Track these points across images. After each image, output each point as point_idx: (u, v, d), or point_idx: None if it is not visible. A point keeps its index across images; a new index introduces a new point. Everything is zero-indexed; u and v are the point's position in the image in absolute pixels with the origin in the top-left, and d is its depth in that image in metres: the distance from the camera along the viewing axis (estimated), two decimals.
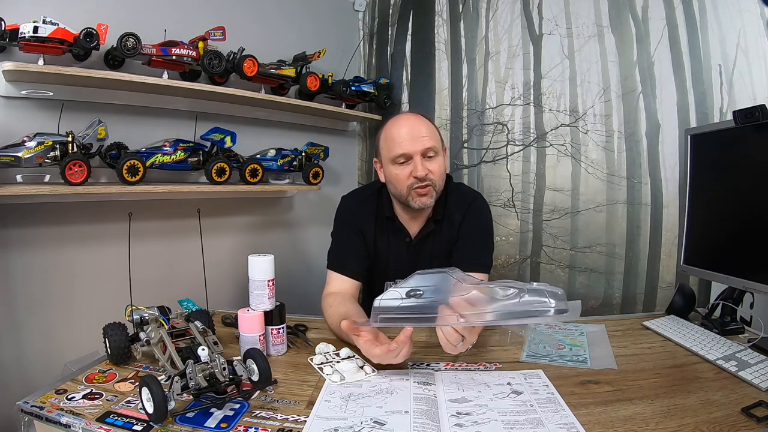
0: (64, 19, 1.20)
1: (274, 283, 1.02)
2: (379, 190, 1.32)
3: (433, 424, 0.73)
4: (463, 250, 1.23)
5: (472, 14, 2.12)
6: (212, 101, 1.64)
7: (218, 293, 1.14)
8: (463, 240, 1.24)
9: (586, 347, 1.05)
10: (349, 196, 1.37)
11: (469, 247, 1.23)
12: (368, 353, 0.90)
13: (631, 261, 1.95)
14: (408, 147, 1.14)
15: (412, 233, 1.28)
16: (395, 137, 1.16)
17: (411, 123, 1.18)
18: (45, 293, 1.34)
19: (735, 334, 1.13)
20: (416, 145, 1.14)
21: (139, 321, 0.94)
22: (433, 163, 1.17)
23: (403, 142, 1.15)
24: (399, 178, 1.17)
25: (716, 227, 1.25)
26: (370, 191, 1.33)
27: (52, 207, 1.34)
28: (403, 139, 1.15)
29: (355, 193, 1.39)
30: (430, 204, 1.19)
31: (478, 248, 1.24)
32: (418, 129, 1.16)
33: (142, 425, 0.72)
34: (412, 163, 1.15)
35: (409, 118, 1.20)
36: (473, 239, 1.24)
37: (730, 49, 1.78)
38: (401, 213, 1.28)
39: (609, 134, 1.95)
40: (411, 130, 1.16)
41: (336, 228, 1.32)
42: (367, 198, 1.32)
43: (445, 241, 1.26)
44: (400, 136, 1.16)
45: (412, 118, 1.20)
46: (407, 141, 1.15)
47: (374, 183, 1.34)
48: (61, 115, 1.29)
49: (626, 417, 0.75)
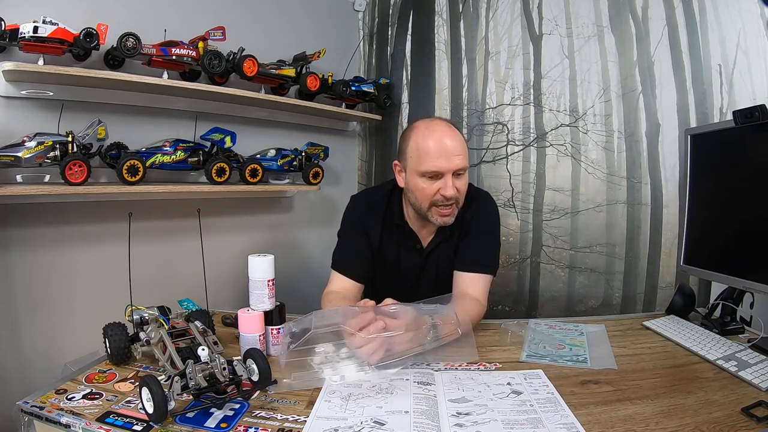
0: (64, 19, 1.20)
1: (274, 283, 1.02)
2: (389, 194, 1.27)
3: (433, 424, 0.73)
4: (467, 250, 1.22)
5: (472, 14, 2.12)
6: (212, 101, 1.64)
7: (218, 293, 1.14)
8: (468, 239, 1.23)
9: (586, 347, 1.05)
10: (358, 197, 1.35)
11: (472, 247, 1.22)
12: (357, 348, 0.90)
13: (631, 261, 1.95)
14: (442, 165, 1.09)
15: (425, 240, 1.27)
16: (429, 151, 1.10)
17: (447, 138, 1.11)
18: (45, 293, 1.34)
19: (735, 334, 1.13)
20: (450, 164, 1.09)
21: (139, 321, 0.94)
22: (461, 181, 1.13)
23: (437, 159, 1.09)
24: (424, 193, 1.12)
25: (716, 227, 1.25)
26: (379, 195, 1.29)
27: (52, 207, 1.34)
28: (438, 155, 1.09)
29: (364, 195, 1.37)
30: (451, 222, 1.17)
31: (482, 249, 1.23)
32: (453, 146, 1.10)
33: (142, 425, 0.72)
34: (442, 181, 1.10)
35: (444, 132, 1.12)
36: (477, 239, 1.22)
37: (730, 49, 1.78)
38: (414, 220, 1.25)
39: (609, 134, 1.95)
40: (446, 147, 1.09)
41: (342, 228, 1.31)
42: (376, 203, 1.28)
43: (454, 245, 1.25)
44: (435, 150, 1.09)
45: (448, 132, 1.12)
46: (442, 158, 1.09)
47: (385, 185, 1.31)
48: (61, 115, 1.29)
49: (626, 417, 0.75)
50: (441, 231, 1.24)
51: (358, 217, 1.27)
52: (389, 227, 1.26)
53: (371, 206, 1.28)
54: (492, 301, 1.23)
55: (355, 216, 1.28)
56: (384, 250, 1.27)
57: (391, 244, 1.27)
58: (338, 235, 1.31)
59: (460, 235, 1.24)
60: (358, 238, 1.26)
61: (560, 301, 2.04)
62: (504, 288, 2.06)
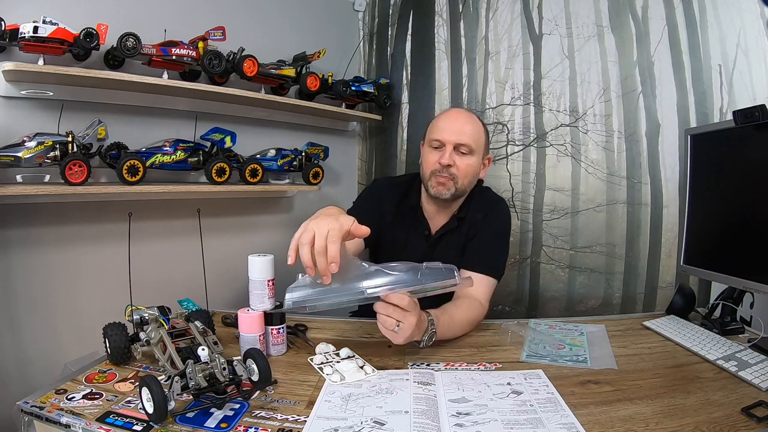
0: (64, 19, 1.20)
1: (274, 283, 1.02)
2: (411, 179, 1.35)
3: (433, 424, 0.73)
4: (474, 251, 1.23)
5: (472, 14, 2.12)
6: (212, 101, 1.64)
7: (218, 293, 1.14)
8: (477, 240, 1.24)
9: (586, 347, 1.05)
10: (382, 179, 1.44)
11: (481, 249, 1.23)
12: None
13: (631, 261, 1.95)
14: (444, 135, 1.20)
15: (434, 227, 1.30)
16: (439, 123, 1.24)
17: (458, 117, 1.24)
18: (45, 293, 1.34)
19: (735, 334, 1.13)
20: (452, 136, 1.19)
21: (139, 321, 0.94)
22: (463, 160, 1.20)
23: (442, 130, 1.21)
24: (427, 161, 1.23)
25: (716, 227, 1.25)
26: (404, 179, 1.39)
27: (52, 207, 1.34)
28: (444, 127, 1.21)
29: (389, 179, 1.48)
30: (445, 196, 1.21)
31: (490, 251, 1.23)
32: (462, 124, 1.21)
33: (142, 425, 0.72)
34: (443, 151, 1.19)
35: (460, 113, 1.26)
36: (487, 241, 1.24)
37: (730, 49, 1.78)
38: (427, 205, 1.30)
39: (609, 134, 1.95)
40: (455, 123, 1.21)
41: (357, 199, 1.37)
42: (397, 184, 1.36)
43: (462, 240, 1.27)
44: (443, 123, 1.23)
45: (463, 114, 1.25)
46: (447, 130, 1.20)
47: (411, 174, 1.39)
48: (61, 115, 1.29)
49: (626, 417, 0.74)
50: (450, 221, 1.28)
51: (377, 194, 1.34)
52: (404, 209, 1.31)
53: (392, 187, 1.35)
54: (492, 301, 1.23)
55: (374, 192, 1.36)
56: (396, 230, 1.30)
57: (402, 226, 1.31)
58: (353, 203, 1.35)
59: (470, 231, 1.26)
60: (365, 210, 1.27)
61: (560, 301, 2.04)
62: (504, 288, 2.06)
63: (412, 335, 0.92)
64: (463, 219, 1.27)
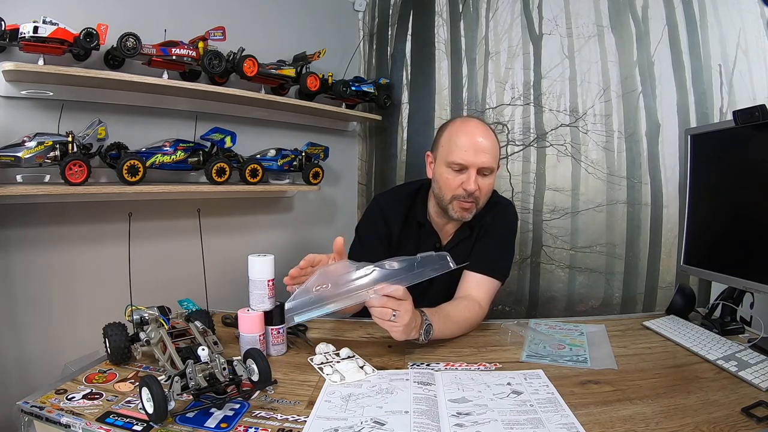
0: (64, 19, 1.20)
1: (274, 283, 1.02)
2: (414, 192, 1.30)
3: (433, 424, 0.73)
4: (479, 253, 1.22)
5: (472, 14, 2.12)
6: (212, 101, 1.64)
7: (218, 293, 1.14)
8: (483, 241, 1.24)
9: (586, 347, 1.05)
10: (382, 196, 1.36)
11: (485, 250, 1.23)
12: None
13: (631, 261, 1.95)
14: (467, 158, 1.13)
15: (444, 238, 1.28)
16: (459, 143, 1.14)
17: (479, 134, 1.15)
18: (45, 293, 1.34)
19: (735, 334, 1.13)
20: (476, 159, 1.13)
21: (139, 321, 0.94)
22: (485, 181, 1.16)
23: (464, 152, 1.13)
24: (448, 184, 1.16)
25: (716, 227, 1.25)
26: (405, 193, 1.32)
27: (52, 207, 1.34)
28: (466, 147, 1.13)
29: (389, 195, 1.38)
30: (468, 219, 1.19)
31: (495, 253, 1.23)
32: (483, 144, 1.14)
33: (142, 425, 0.72)
34: (466, 175, 1.14)
35: (478, 128, 1.17)
36: (492, 243, 1.23)
37: (730, 49, 1.78)
38: (435, 217, 1.27)
39: (609, 134, 1.95)
40: (477, 143, 1.14)
41: (361, 226, 1.33)
42: (399, 200, 1.30)
43: (471, 245, 1.25)
44: (464, 143, 1.14)
45: (482, 129, 1.17)
46: (469, 152, 1.13)
47: (411, 184, 1.34)
48: (61, 115, 1.29)
49: (626, 417, 0.75)
50: (461, 230, 1.26)
51: (380, 216, 1.29)
52: (410, 225, 1.28)
53: (394, 206, 1.30)
54: (492, 301, 1.23)
55: (377, 215, 1.30)
56: (405, 247, 1.28)
57: (410, 243, 1.28)
58: (356, 230, 1.32)
59: (478, 234, 1.25)
60: (372, 238, 1.27)
61: (560, 301, 2.04)
62: (504, 288, 2.02)
63: (410, 323, 0.93)
64: (474, 227, 1.25)
